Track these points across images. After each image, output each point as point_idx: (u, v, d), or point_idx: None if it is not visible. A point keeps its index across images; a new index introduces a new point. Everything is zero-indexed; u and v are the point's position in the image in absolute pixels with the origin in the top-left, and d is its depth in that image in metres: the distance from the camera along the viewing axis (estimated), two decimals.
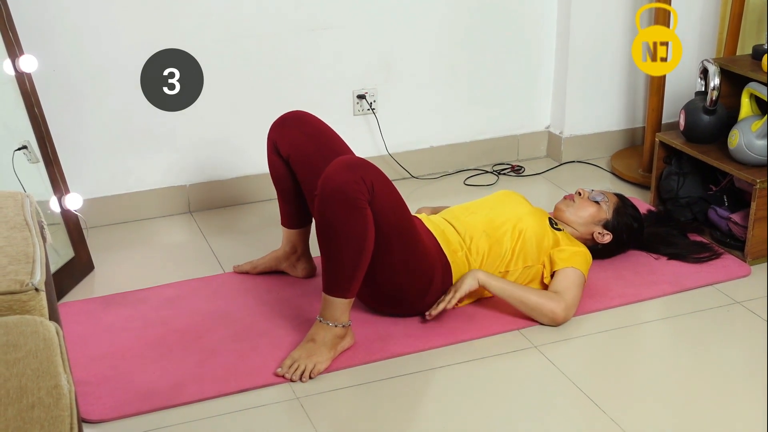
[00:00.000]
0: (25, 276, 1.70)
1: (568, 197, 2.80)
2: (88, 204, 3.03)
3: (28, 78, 2.74)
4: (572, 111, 3.69)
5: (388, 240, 2.35)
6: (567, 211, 2.77)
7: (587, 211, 2.75)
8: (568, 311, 2.53)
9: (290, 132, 2.60)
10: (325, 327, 2.36)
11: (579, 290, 2.57)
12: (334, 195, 2.24)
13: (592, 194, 2.79)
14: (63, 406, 1.38)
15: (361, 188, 2.24)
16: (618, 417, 2.17)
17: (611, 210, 2.77)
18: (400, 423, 2.20)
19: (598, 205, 2.76)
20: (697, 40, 3.69)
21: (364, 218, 2.26)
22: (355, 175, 2.25)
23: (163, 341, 2.48)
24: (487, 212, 2.64)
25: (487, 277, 2.51)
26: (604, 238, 2.76)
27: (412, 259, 2.42)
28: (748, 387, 2.29)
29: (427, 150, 3.61)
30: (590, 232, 2.75)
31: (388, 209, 2.33)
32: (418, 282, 2.45)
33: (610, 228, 2.77)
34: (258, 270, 2.82)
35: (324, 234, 2.30)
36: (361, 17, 3.33)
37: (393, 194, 2.37)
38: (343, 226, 2.25)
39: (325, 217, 2.27)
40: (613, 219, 2.77)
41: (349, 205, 2.24)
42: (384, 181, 2.33)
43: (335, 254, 2.29)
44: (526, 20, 3.57)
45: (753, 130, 2.87)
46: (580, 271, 2.58)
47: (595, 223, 2.76)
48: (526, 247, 2.59)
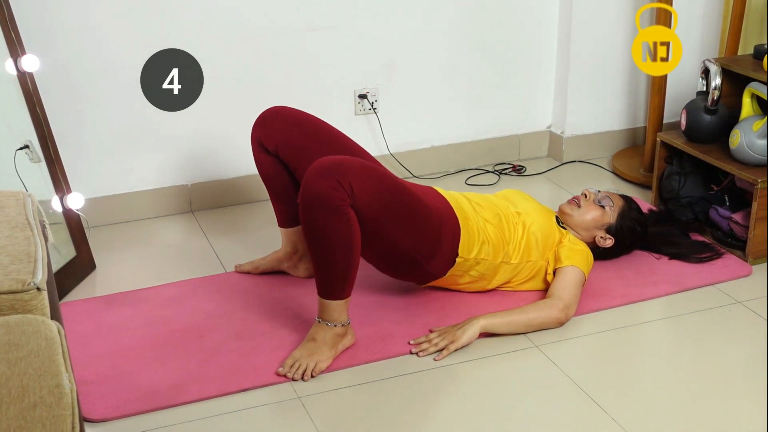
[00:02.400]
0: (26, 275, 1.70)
1: (573, 200, 2.80)
2: (90, 203, 3.03)
3: (30, 78, 2.75)
4: (573, 111, 3.69)
5: (382, 225, 2.33)
6: (571, 214, 2.76)
7: (591, 215, 2.75)
8: (568, 311, 2.53)
9: (274, 125, 2.59)
10: (324, 327, 2.36)
11: (578, 289, 2.57)
12: (314, 205, 2.24)
13: (598, 196, 2.77)
14: (64, 405, 1.38)
15: (340, 194, 2.23)
16: (619, 416, 2.17)
17: (615, 214, 2.76)
18: (401, 422, 2.20)
19: (603, 209, 2.75)
20: (699, 39, 3.69)
21: (347, 221, 2.26)
22: (332, 180, 2.23)
23: (164, 341, 2.48)
24: (495, 204, 2.65)
25: (488, 321, 2.46)
26: (606, 242, 2.76)
27: (413, 228, 2.40)
28: (749, 386, 2.29)
29: (428, 150, 3.61)
30: (593, 236, 2.75)
31: (373, 201, 2.29)
32: (424, 246, 2.44)
33: (613, 232, 2.76)
34: (259, 270, 2.82)
35: (311, 240, 2.29)
36: (363, 17, 3.33)
37: (375, 183, 2.32)
38: (327, 233, 2.25)
39: (309, 224, 2.27)
40: (617, 223, 2.76)
41: (330, 212, 2.23)
42: (364, 174, 2.29)
43: (324, 259, 2.29)
44: (527, 20, 3.57)
45: (754, 130, 2.87)
46: (579, 270, 2.58)
47: (599, 227, 2.75)
48: (531, 242, 2.59)
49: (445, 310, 2.60)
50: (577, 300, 2.57)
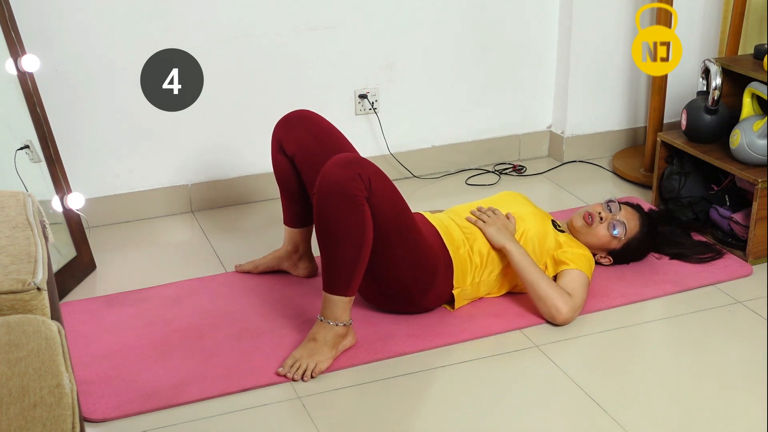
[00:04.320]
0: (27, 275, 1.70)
1: (588, 217, 2.72)
2: (90, 203, 3.03)
3: (30, 77, 2.75)
4: (574, 111, 3.69)
5: (388, 235, 2.35)
6: (580, 232, 2.73)
7: (600, 240, 2.72)
8: (573, 313, 2.53)
9: (296, 131, 2.60)
10: (326, 326, 2.36)
11: (585, 293, 2.57)
12: (331, 192, 2.25)
13: (614, 219, 2.71)
14: (65, 405, 1.38)
15: (359, 185, 2.25)
16: (620, 416, 2.17)
17: (623, 242, 2.74)
18: (402, 422, 2.20)
19: (615, 239, 2.73)
20: (699, 39, 3.69)
21: (362, 214, 2.26)
22: (352, 171, 2.26)
23: (164, 341, 2.48)
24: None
25: (516, 248, 2.51)
26: (603, 260, 2.78)
27: (413, 254, 2.42)
28: (750, 386, 2.29)
29: (428, 150, 3.61)
30: (594, 253, 2.75)
31: (386, 205, 2.33)
32: (421, 277, 2.45)
33: (615, 254, 2.77)
34: (260, 269, 2.82)
35: (323, 232, 2.30)
36: (363, 17, 3.33)
37: (390, 190, 2.37)
38: (341, 223, 2.26)
39: (323, 214, 2.28)
40: (622, 248, 2.75)
41: (347, 202, 2.24)
42: (381, 176, 2.34)
43: (335, 252, 2.29)
44: (528, 20, 3.57)
45: (755, 130, 2.87)
46: (585, 274, 2.58)
47: (603, 249, 2.76)
48: (528, 247, 2.59)
49: (445, 310, 2.60)
50: (583, 306, 2.57)
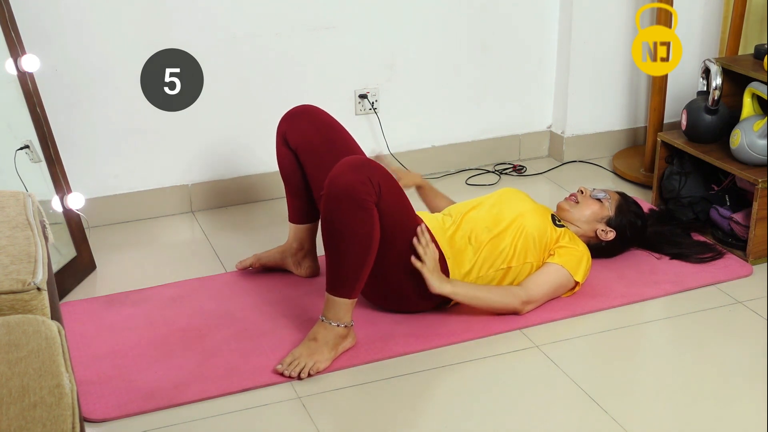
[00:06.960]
0: (27, 275, 1.70)
1: (571, 197, 2.81)
2: (90, 203, 3.03)
3: (30, 77, 2.75)
4: (574, 111, 3.69)
5: (393, 238, 2.36)
6: (570, 210, 2.77)
7: (590, 209, 2.76)
8: (527, 305, 2.55)
9: (301, 124, 2.61)
10: (327, 326, 2.36)
11: (551, 287, 2.58)
12: (341, 196, 2.25)
13: (594, 192, 2.80)
14: (65, 405, 1.38)
15: (369, 189, 2.25)
16: (620, 416, 2.17)
17: (614, 207, 2.77)
18: (402, 423, 2.20)
19: (600, 202, 2.76)
20: (699, 39, 3.69)
21: (371, 219, 2.27)
22: (362, 175, 2.26)
23: (165, 341, 2.48)
24: (489, 208, 2.65)
25: (454, 289, 2.46)
26: (608, 235, 2.76)
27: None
28: (750, 386, 2.29)
29: (428, 149, 3.61)
30: (593, 230, 2.76)
31: (394, 209, 2.34)
32: (422, 278, 2.45)
33: (614, 225, 2.77)
34: (261, 262, 2.80)
35: (330, 233, 2.30)
36: (363, 17, 3.33)
37: (399, 194, 2.39)
38: (349, 227, 2.26)
39: (331, 217, 2.28)
40: (616, 216, 2.77)
41: (356, 206, 2.25)
42: (390, 180, 2.35)
43: (340, 254, 2.29)
44: (528, 19, 3.57)
45: (755, 130, 2.87)
46: (565, 271, 2.58)
47: (598, 220, 2.76)
48: (528, 244, 2.59)
49: (445, 310, 2.60)
50: (545, 299, 2.58)
